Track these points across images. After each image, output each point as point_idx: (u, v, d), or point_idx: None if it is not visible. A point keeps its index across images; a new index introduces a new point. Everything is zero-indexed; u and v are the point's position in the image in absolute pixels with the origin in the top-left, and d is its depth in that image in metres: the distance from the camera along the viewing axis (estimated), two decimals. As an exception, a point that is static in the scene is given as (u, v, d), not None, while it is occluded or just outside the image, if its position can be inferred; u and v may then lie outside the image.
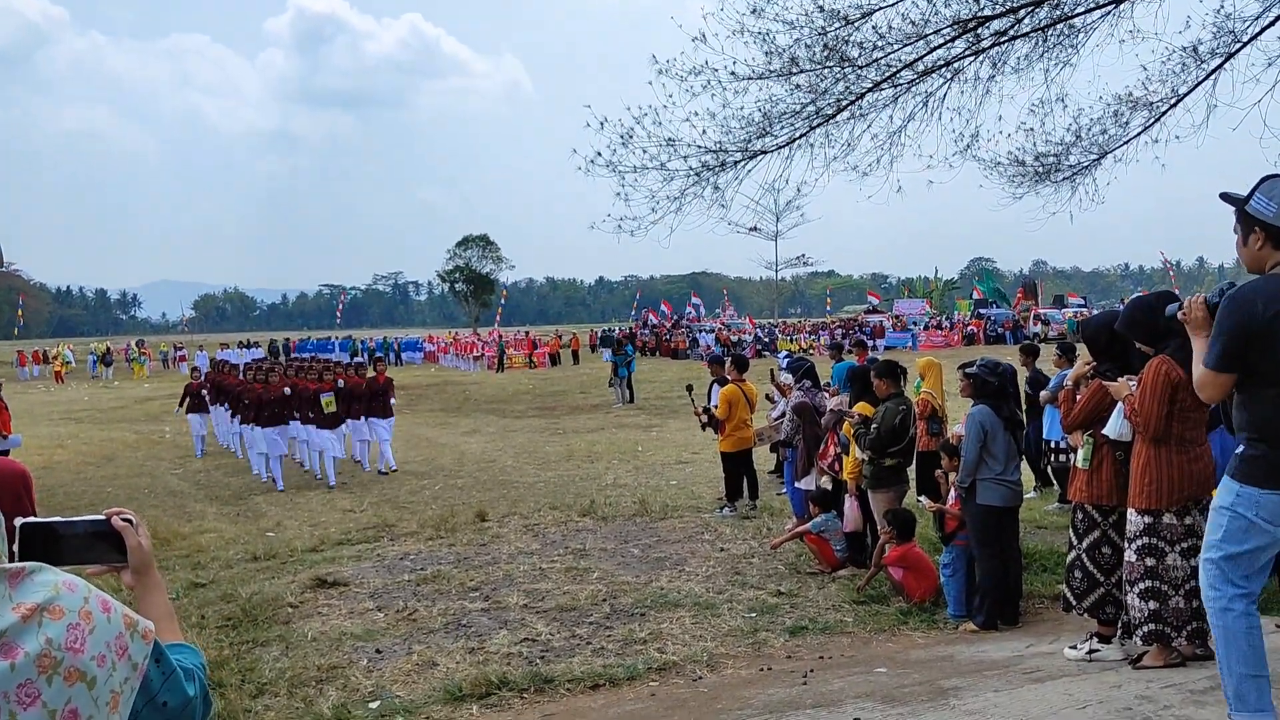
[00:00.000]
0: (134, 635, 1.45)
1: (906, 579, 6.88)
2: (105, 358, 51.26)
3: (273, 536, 10.56)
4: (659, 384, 31.52)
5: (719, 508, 10.60)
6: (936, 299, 72.89)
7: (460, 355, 50.12)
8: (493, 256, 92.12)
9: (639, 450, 16.36)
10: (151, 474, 16.08)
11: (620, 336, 41.40)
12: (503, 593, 7.59)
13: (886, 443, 7.22)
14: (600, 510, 10.78)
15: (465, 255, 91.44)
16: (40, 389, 41.41)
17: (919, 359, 9.54)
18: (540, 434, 19.76)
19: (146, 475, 15.93)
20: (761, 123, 9.64)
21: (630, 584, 7.68)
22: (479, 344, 51.73)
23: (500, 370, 43.80)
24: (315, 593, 7.87)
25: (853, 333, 46.45)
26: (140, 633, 1.47)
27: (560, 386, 33.19)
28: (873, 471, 7.39)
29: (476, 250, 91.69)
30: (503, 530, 10.09)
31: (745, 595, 7.23)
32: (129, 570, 1.72)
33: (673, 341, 51.19)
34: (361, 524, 10.87)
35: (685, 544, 9.10)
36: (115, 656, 1.41)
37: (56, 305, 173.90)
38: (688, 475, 13.44)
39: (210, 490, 14.26)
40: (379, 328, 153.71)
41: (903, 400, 7.37)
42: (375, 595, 7.76)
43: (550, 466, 14.98)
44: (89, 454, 18.69)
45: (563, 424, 21.56)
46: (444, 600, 7.49)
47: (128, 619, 1.46)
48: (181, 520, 11.74)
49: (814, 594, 7.25)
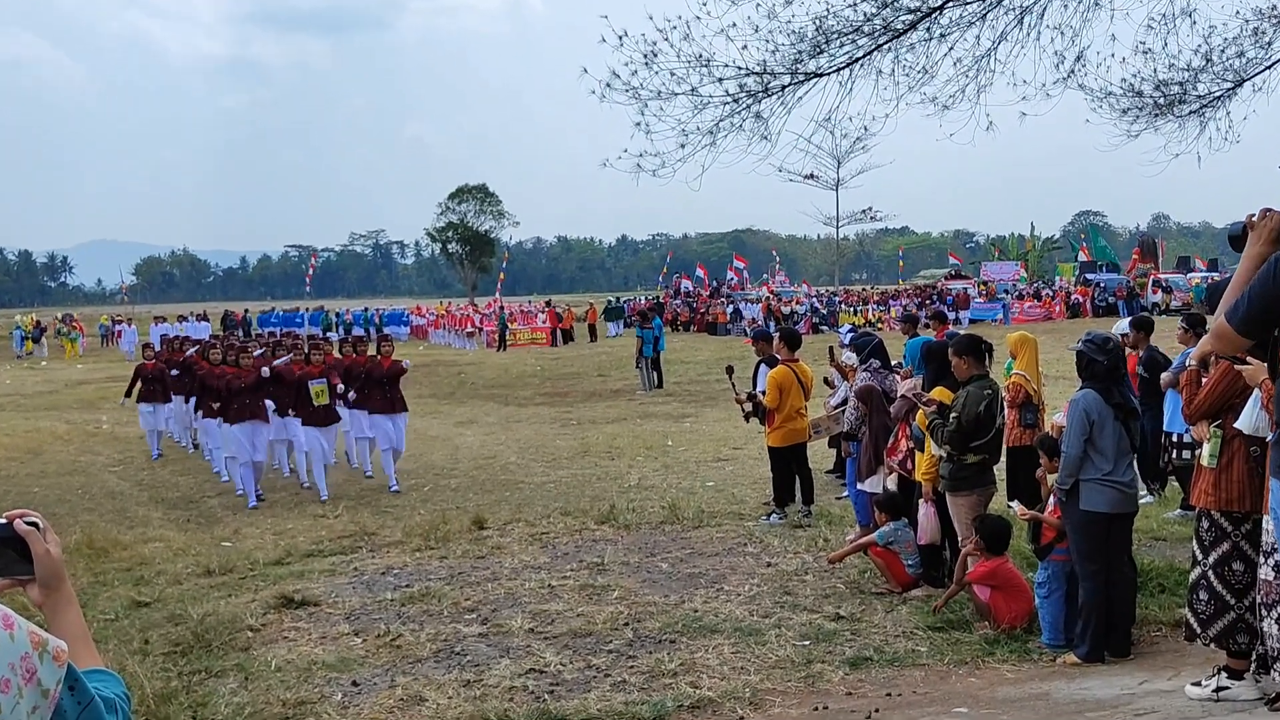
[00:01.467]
0: (43, 657, 1.46)
1: (994, 600, 6.86)
2: (33, 333, 51.65)
3: (230, 547, 10.67)
4: (693, 365, 31.51)
5: (765, 514, 10.59)
6: (1033, 261, 72.28)
7: (454, 330, 50.39)
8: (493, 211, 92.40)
9: (669, 445, 16.39)
10: (86, 472, 16.32)
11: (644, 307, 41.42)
12: (504, 614, 7.63)
13: (969, 435, 7.18)
14: (622, 517, 10.80)
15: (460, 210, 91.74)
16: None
17: (1010, 334, 9.46)
18: (550, 425, 19.84)
19: (80, 473, 16.17)
20: (815, 38, 9.54)
21: (657, 605, 7.70)
22: (476, 317, 51.94)
23: (502, 348, 44.00)
24: (280, 614, 7.95)
25: (930, 302, 46.16)
26: (51, 653, 1.47)
27: (574, 368, 33.29)
28: (952, 470, 7.35)
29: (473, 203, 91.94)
30: (504, 540, 10.13)
31: (797, 619, 7.23)
32: (36, 583, 1.71)
33: (710, 313, 51.18)
34: (336, 532, 10.96)
35: (724, 557, 9.10)
36: (21, 681, 1.42)
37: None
38: (727, 475, 13.45)
39: (156, 491, 14.45)
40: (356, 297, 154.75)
41: (989, 384, 7.32)
42: (352, 617, 7.83)
43: (562, 464, 15.04)
44: (12, 447, 18.98)
45: (577, 413, 21.64)
46: (434, 623, 7.54)
47: (35, 638, 1.46)
48: (122, 527, 11.90)
49: (880, 618, 7.25)
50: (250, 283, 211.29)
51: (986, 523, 7.05)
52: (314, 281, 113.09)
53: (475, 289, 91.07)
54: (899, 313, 45.49)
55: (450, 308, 58.33)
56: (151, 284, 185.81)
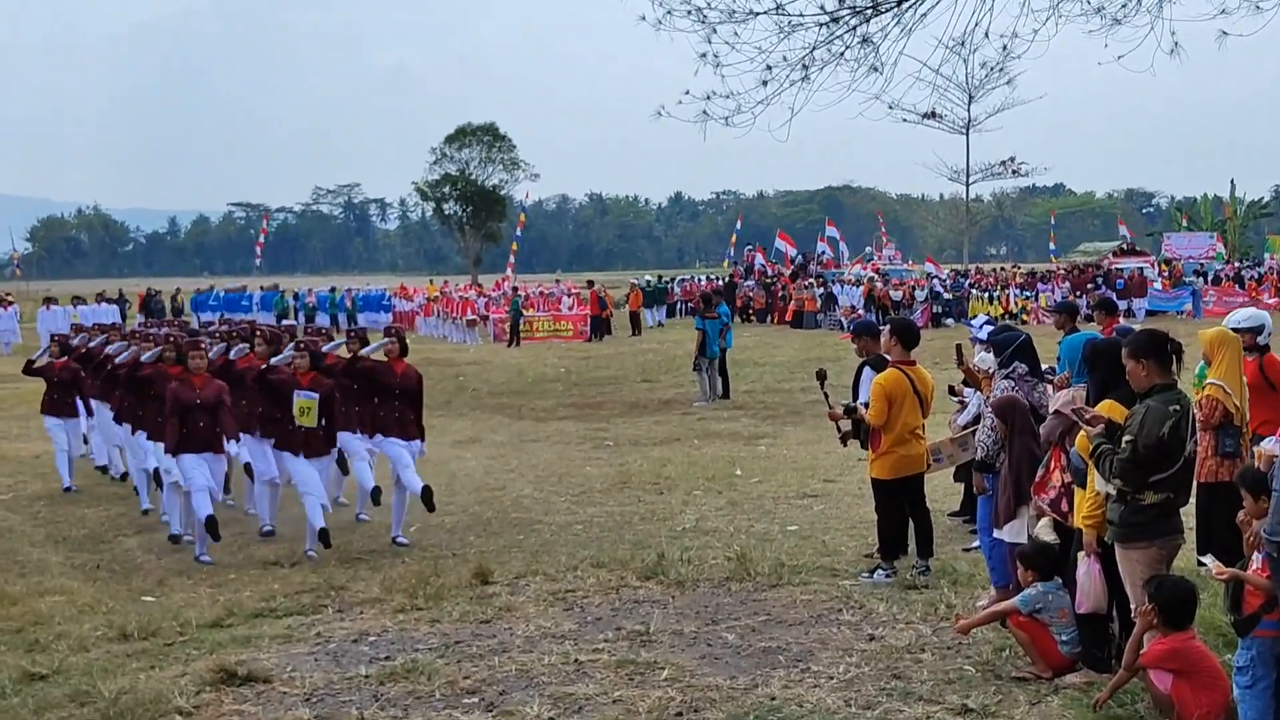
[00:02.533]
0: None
1: (1178, 691, 6.80)
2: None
3: (153, 602, 10.78)
4: (770, 368, 31.43)
5: (868, 570, 10.58)
6: (1233, 233, 71.56)
7: (450, 319, 50.59)
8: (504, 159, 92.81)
9: (736, 475, 16.39)
10: (-35, 501, 16.50)
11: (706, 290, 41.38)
12: (516, 699, 7.65)
13: (1148, 466, 7.11)
14: (673, 570, 10.81)
15: (460, 158, 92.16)
16: None
17: (1204, 331, 9.35)
18: (577, 446, 19.91)
19: (-42, 502, 16.36)
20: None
21: (721, 690, 7.69)
22: (481, 301, 52.12)
23: (514, 343, 44.17)
24: (219, 692, 8.01)
25: (1093, 286, 45.79)
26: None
27: (610, 370, 33.35)
28: (1124, 514, 7.28)
29: (478, 148, 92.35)
30: (516, 599, 10.16)
31: (910, 713, 7.20)
32: None
33: (793, 299, 51.02)
34: (292, 585, 11.03)
35: (811, 627, 9.09)
36: None
37: None
38: (816, 516, 13.42)
39: (56, 528, 14.61)
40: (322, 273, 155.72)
41: (1177, 397, 7.24)
42: (313, 698, 7.88)
43: (593, 499, 15.10)
44: None
45: (614, 430, 21.69)
46: (422, 709, 7.58)
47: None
48: (10, 575, 12.05)
49: (1023, 713, 7.20)
50: (181, 252, 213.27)
51: (1165, 586, 6.98)
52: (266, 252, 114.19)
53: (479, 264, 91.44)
54: (1051, 299, 45.26)
55: (446, 288, 58.62)
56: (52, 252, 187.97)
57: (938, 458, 11.00)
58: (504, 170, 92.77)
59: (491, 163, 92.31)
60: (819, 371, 12.33)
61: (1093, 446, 7.33)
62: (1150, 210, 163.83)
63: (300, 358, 13.05)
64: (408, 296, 59.29)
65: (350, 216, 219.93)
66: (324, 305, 55.57)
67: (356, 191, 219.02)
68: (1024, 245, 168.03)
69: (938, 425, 12.37)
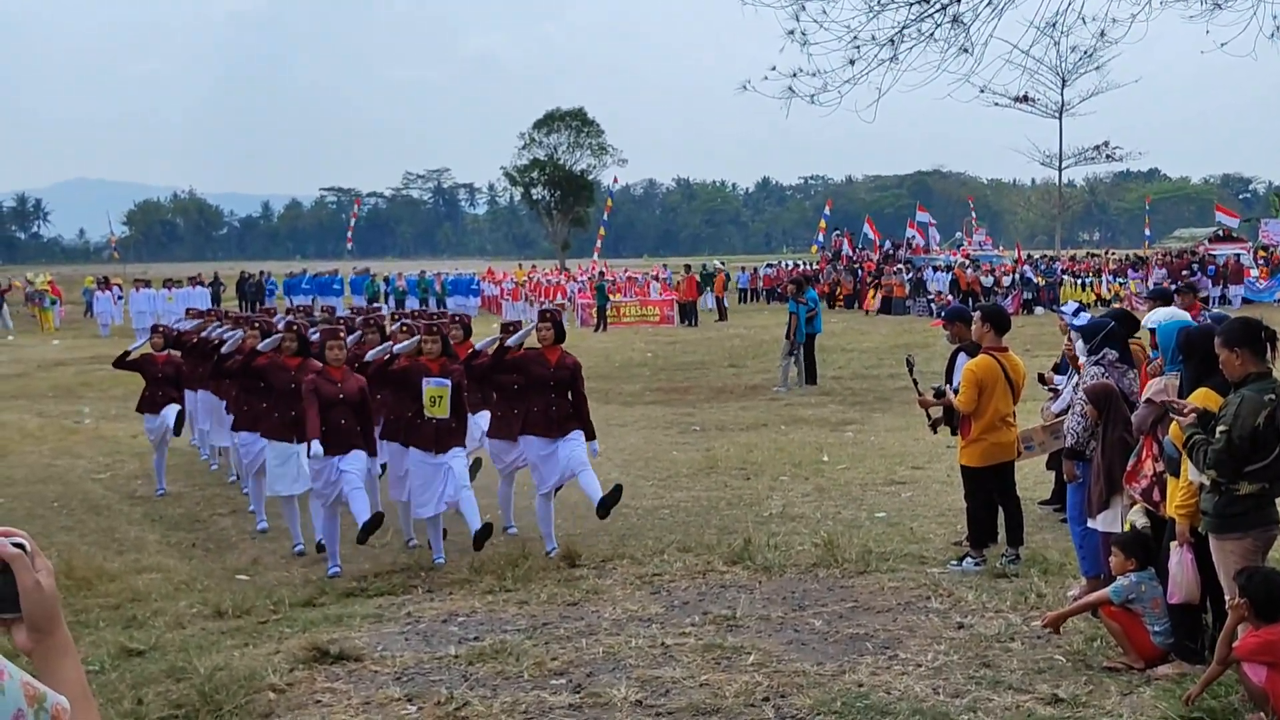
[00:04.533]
0: (40, 715, 1.51)
1: (1273, 683, 6.70)
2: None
3: (247, 581, 10.97)
4: (858, 354, 31.28)
5: (957, 558, 10.54)
6: (1337, 219, 69.81)
7: (538, 303, 50.82)
8: (592, 145, 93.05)
9: (823, 461, 16.36)
10: (63, 479, 16.88)
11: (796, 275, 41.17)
12: (603, 681, 7.71)
13: (1243, 456, 7.01)
14: (760, 556, 10.82)
15: (549, 143, 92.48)
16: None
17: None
18: (664, 431, 19.97)
19: (56, 481, 16.75)
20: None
21: (808, 676, 7.70)
22: (570, 286, 52.32)
23: (601, 328, 44.34)
24: (312, 670, 8.14)
25: (1189, 273, 45.02)
26: (50, 712, 1.52)
27: (697, 355, 33.38)
28: (1219, 505, 7.18)
29: (566, 134, 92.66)
30: (604, 582, 10.22)
31: (999, 702, 7.17)
32: (22, 624, 1.74)
33: (883, 284, 50.74)
34: (383, 565, 11.17)
35: (899, 614, 9.07)
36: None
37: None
38: (904, 504, 13.38)
39: (152, 506, 14.94)
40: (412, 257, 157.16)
41: (1272, 386, 7.13)
42: (404, 677, 7.99)
43: (679, 483, 15.15)
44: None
45: (700, 415, 21.74)
46: (510, 689, 7.66)
47: (30, 691, 1.51)
48: (109, 552, 12.31)
49: (1114, 704, 7.14)
50: (274, 236, 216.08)
51: (1256, 579, 6.88)
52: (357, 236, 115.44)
53: (567, 248, 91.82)
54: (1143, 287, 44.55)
55: (534, 272, 58.87)
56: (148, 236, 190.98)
57: (1029, 445, 10.90)
58: (592, 155, 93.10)
59: (579, 148, 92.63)
60: (908, 358, 12.29)
61: (1186, 436, 7.25)
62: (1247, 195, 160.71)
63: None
64: (495, 281, 59.65)
65: (439, 201, 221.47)
66: (413, 289, 55.99)
67: (446, 176, 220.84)
68: (1117, 231, 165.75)
69: (1028, 413, 12.26)
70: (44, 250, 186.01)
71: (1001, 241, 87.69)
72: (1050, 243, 77.63)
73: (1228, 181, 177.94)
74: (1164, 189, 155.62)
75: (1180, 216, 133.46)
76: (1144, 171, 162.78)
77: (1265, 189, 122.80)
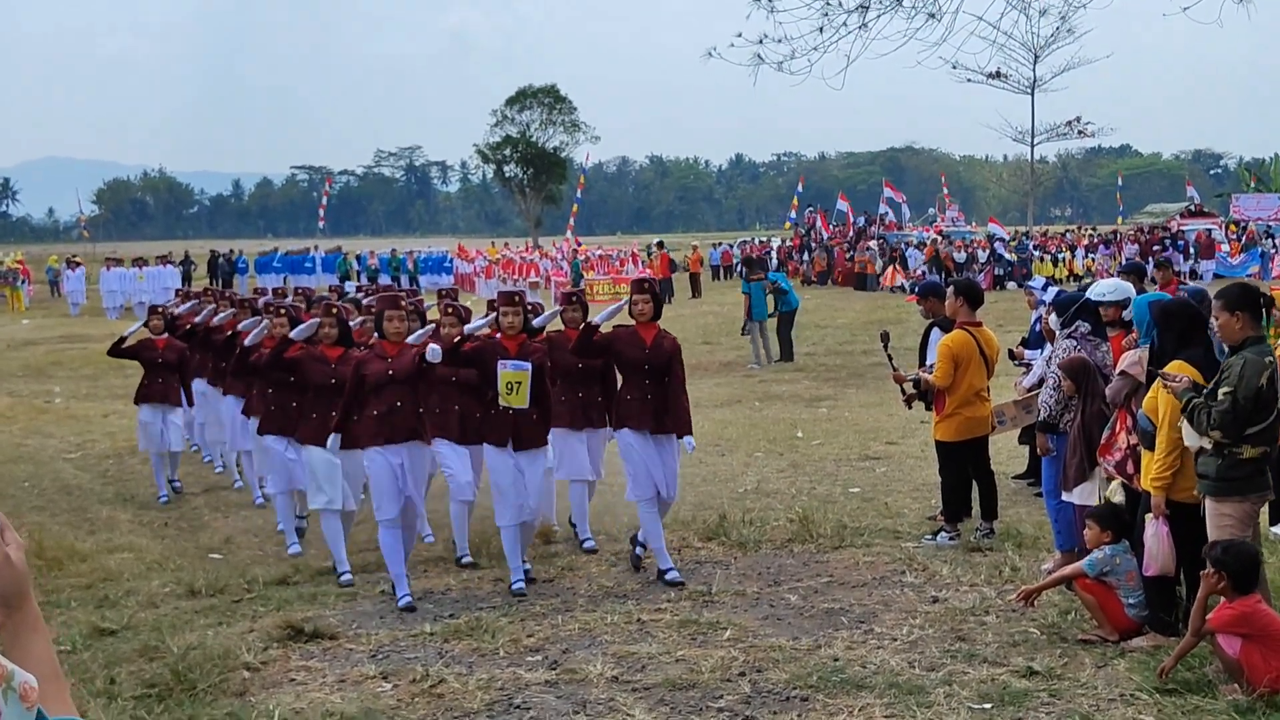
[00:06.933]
0: (8, 694, 1.48)
1: (1247, 655, 6.72)
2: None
3: (220, 560, 10.92)
4: (832, 330, 31.35)
5: (931, 532, 10.56)
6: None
7: (511, 281, 50.73)
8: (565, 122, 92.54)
9: (798, 437, 16.39)
10: (34, 459, 16.80)
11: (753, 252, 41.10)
12: (579, 657, 7.71)
13: (1246, 418, 7.02)
14: (735, 532, 10.83)
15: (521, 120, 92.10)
16: None
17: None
18: (638, 408, 19.87)
19: (27, 461, 16.67)
20: None
21: (783, 650, 7.71)
22: (543, 264, 52.20)
23: (575, 305, 44.16)
24: (286, 648, 8.12)
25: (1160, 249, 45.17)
26: (17, 690, 1.49)
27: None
28: (1221, 468, 7.17)
29: (539, 111, 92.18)
30: (579, 559, 10.21)
31: (974, 675, 7.19)
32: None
33: (855, 260, 50.76)
34: (357, 543, 11.13)
35: (874, 589, 9.09)
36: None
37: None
38: (879, 479, 13.40)
39: (124, 486, 14.88)
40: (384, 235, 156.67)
41: (1269, 349, 7.20)
42: (379, 654, 7.98)
43: (654, 460, 15.08)
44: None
45: (674, 392, 21.63)
46: (486, 666, 7.65)
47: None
48: (80, 531, 12.24)
49: (1089, 676, 7.16)
50: (245, 214, 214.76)
51: (1231, 550, 6.90)
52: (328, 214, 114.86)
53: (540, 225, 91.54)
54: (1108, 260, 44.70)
55: (507, 250, 58.74)
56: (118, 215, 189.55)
57: (1000, 420, 10.93)
58: (564, 132, 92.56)
59: (552, 125, 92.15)
60: (883, 333, 12.28)
61: (1184, 402, 7.26)
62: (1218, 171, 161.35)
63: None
64: (468, 258, 59.45)
65: (411, 179, 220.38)
66: (385, 267, 55.77)
67: (418, 154, 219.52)
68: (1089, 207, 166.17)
69: (1001, 388, 12.28)
70: (12, 230, 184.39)
71: (974, 218, 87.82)
72: (1022, 219, 77.74)
73: (1199, 157, 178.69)
74: (1136, 164, 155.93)
75: (1152, 192, 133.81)
76: (1115, 147, 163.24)
77: (1236, 164, 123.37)
